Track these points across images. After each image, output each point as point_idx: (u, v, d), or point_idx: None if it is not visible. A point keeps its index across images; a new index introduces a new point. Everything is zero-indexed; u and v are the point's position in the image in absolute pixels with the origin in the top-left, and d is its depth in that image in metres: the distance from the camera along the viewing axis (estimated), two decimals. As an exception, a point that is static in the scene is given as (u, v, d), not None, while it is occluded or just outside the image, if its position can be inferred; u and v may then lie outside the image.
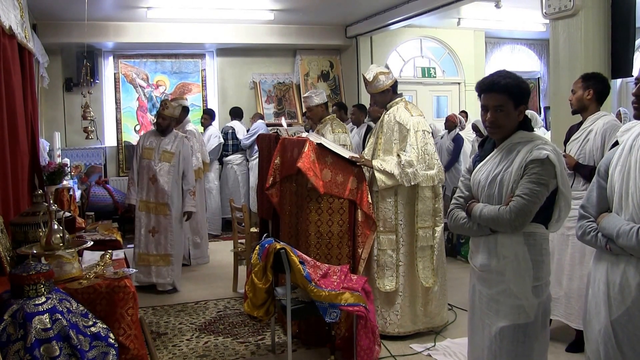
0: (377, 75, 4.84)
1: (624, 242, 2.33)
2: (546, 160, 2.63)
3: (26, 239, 3.41)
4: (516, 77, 2.78)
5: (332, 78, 10.94)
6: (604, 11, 5.20)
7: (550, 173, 2.64)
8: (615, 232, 2.37)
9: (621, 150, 2.52)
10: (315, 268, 4.02)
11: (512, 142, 2.79)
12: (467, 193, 2.96)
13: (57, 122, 9.48)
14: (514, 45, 12.70)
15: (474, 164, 2.97)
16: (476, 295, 2.95)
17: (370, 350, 3.97)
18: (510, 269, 2.74)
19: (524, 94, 2.77)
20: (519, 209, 2.63)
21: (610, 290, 2.42)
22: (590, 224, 2.54)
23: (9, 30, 4.09)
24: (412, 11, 8.38)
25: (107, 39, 9.24)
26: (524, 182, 2.65)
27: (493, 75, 2.81)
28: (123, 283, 3.17)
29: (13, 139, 4.17)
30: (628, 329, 2.36)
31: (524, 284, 2.72)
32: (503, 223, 2.69)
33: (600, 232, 2.47)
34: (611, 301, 2.41)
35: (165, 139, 6.19)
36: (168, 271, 6.11)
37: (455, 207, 2.99)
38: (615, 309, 2.39)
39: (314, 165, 4.42)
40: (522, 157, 2.69)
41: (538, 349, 2.77)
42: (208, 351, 4.56)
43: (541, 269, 2.75)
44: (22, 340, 2.43)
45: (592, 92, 4.27)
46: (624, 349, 2.38)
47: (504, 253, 2.76)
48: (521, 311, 2.72)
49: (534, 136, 2.80)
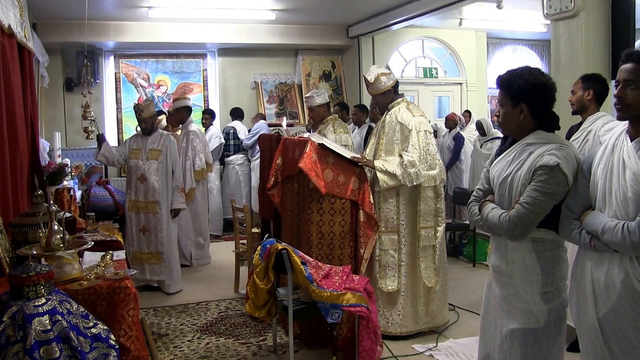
0: (379, 77, 4.82)
1: (609, 238, 2.32)
2: (556, 167, 2.55)
3: (26, 240, 3.40)
4: (518, 74, 2.74)
5: (334, 78, 10.93)
6: (604, 12, 5.23)
7: (559, 182, 2.56)
8: (601, 228, 2.36)
9: (603, 149, 2.52)
10: (317, 269, 4.01)
11: (526, 142, 2.73)
12: (487, 186, 2.93)
13: (57, 122, 9.48)
14: (515, 46, 12.72)
15: (495, 156, 2.93)
16: (491, 294, 2.93)
17: (372, 350, 3.95)
18: (518, 273, 2.72)
19: (518, 91, 2.72)
20: (518, 219, 2.60)
21: (595, 288, 2.43)
22: (574, 221, 2.53)
23: (8, 29, 4.07)
24: (414, 11, 8.38)
25: (108, 38, 9.23)
26: (530, 189, 2.60)
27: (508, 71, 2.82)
28: (124, 284, 3.16)
29: (12, 139, 4.15)
30: (614, 325, 2.37)
31: (532, 289, 2.68)
32: (502, 231, 2.69)
33: (585, 229, 2.46)
34: (597, 299, 2.42)
35: (150, 138, 6.20)
36: (161, 269, 6.12)
37: (473, 199, 2.96)
38: (602, 306, 2.40)
39: (316, 165, 4.41)
40: (533, 160, 2.63)
41: (551, 354, 2.73)
42: (209, 352, 4.55)
43: (552, 275, 2.68)
44: (21, 342, 2.41)
45: (592, 93, 4.27)
46: (611, 345, 2.39)
47: (512, 257, 2.73)
48: (531, 316, 2.69)
49: (551, 138, 2.72)
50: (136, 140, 6.28)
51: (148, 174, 6.07)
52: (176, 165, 6.27)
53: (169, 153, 6.18)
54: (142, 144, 6.20)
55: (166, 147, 6.18)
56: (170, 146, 6.22)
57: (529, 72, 2.74)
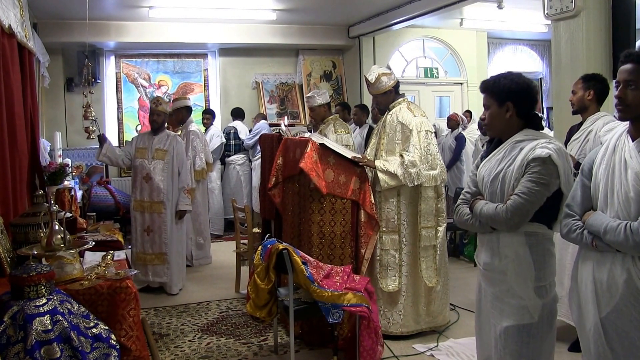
0: (380, 77, 4.82)
1: (612, 238, 2.33)
2: (548, 159, 2.61)
3: (27, 240, 3.41)
4: (503, 76, 2.82)
5: (335, 78, 10.93)
6: (604, 12, 5.24)
7: (551, 173, 2.62)
8: (603, 228, 2.37)
9: (605, 149, 2.54)
10: (317, 268, 4.01)
11: (515, 140, 2.79)
12: (474, 189, 2.96)
13: (58, 122, 9.47)
14: (516, 46, 12.71)
15: (481, 159, 2.97)
16: (482, 294, 2.96)
17: (373, 350, 3.95)
18: (511, 268, 2.74)
19: (503, 90, 2.78)
20: (515, 208, 2.63)
21: (597, 288, 2.43)
22: (576, 222, 2.54)
23: (9, 29, 4.07)
24: (415, 11, 8.37)
25: (109, 38, 9.22)
26: (524, 180, 2.64)
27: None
28: (125, 284, 3.16)
29: (12, 139, 4.15)
30: (617, 325, 2.37)
31: (526, 284, 2.71)
32: (500, 221, 2.70)
33: (587, 229, 2.47)
34: (599, 299, 2.42)
35: (157, 138, 6.18)
36: (164, 270, 6.08)
37: (461, 202, 3.00)
38: (604, 307, 2.40)
39: (317, 165, 4.41)
40: (524, 154, 2.68)
41: (544, 350, 2.76)
42: (210, 352, 4.55)
43: (544, 269, 2.74)
44: (22, 342, 2.42)
45: (592, 93, 4.28)
46: (613, 346, 2.39)
47: (505, 252, 2.76)
48: (525, 312, 2.72)
49: (539, 134, 2.78)
50: (143, 139, 6.25)
51: (153, 174, 6.04)
52: (182, 166, 6.24)
53: (175, 154, 6.16)
54: (148, 143, 6.17)
55: (173, 147, 6.16)
56: (177, 147, 6.20)
57: (511, 74, 2.84)
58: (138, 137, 6.36)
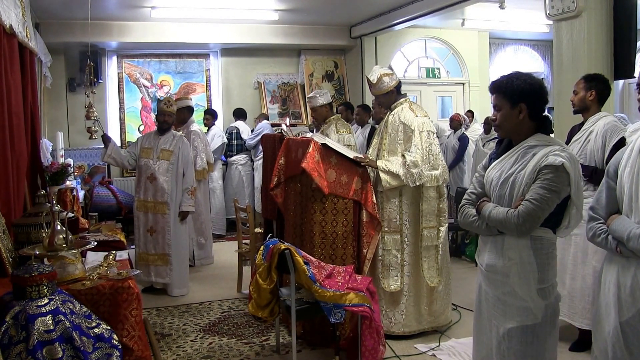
0: (381, 77, 4.81)
1: (635, 245, 2.32)
2: (561, 167, 2.59)
3: (29, 240, 3.41)
4: (515, 77, 2.78)
5: (337, 78, 10.92)
6: (606, 13, 5.24)
7: (563, 180, 2.60)
8: (626, 235, 2.36)
9: (630, 150, 2.51)
10: (319, 268, 4.01)
11: (528, 145, 2.75)
12: (479, 190, 2.94)
13: (60, 122, 9.47)
14: (517, 46, 12.70)
15: (489, 161, 2.95)
16: (482, 296, 2.95)
17: (375, 350, 3.95)
18: (514, 271, 2.73)
19: (516, 91, 2.74)
20: (527, 214, 2.61)
21: (621, 292, 2.42)
22: (601, 225, 2.53)
23: (9, 29, 4.06)
24: (417, 12, 8.39)
25: (111, 38, 9.23)
26: (536, 186, 2.62)
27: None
28: (127, 284, 3.16)
29: (13, 139, 4.15)
30: (638, 330, 2.36)
31: (529, 286, 2.71)
32: (510, 227, 2.67)
33: (611, 234, 2.46)
34: (622, 303, 2.41)
35: (163, 138, 6.16)
36: (167, 271, 6.07)
37: (466, 202, 2.97)
38: (626, 311, 2.39)
39: (319, 165, 4.41)
40: (537, 161, 2.65)
41: (548, 349, 2.76)
42: (212, 352, 4.55)
43: (547, 271, 2.73)
44: (24, 342, 2.42)
45: (594, 93, 4.28)
46: (632, 350, 2.38)
47: (510, 255, 2.74)
48: (528, 313, 2.71)
49: (551, 140, 2.75)
50: (149, 139, 6.24)
51: (158, 174, 6.03)
52: (187, 168, 6.23)
53: (180, 155, 6.14)
54: (154, 143, 6.16)
55: (178, 148, 6.14)
56: (183, 148, 6.19)
57: (522, 75, 2.80)
58: (144, 137, 6.35)
